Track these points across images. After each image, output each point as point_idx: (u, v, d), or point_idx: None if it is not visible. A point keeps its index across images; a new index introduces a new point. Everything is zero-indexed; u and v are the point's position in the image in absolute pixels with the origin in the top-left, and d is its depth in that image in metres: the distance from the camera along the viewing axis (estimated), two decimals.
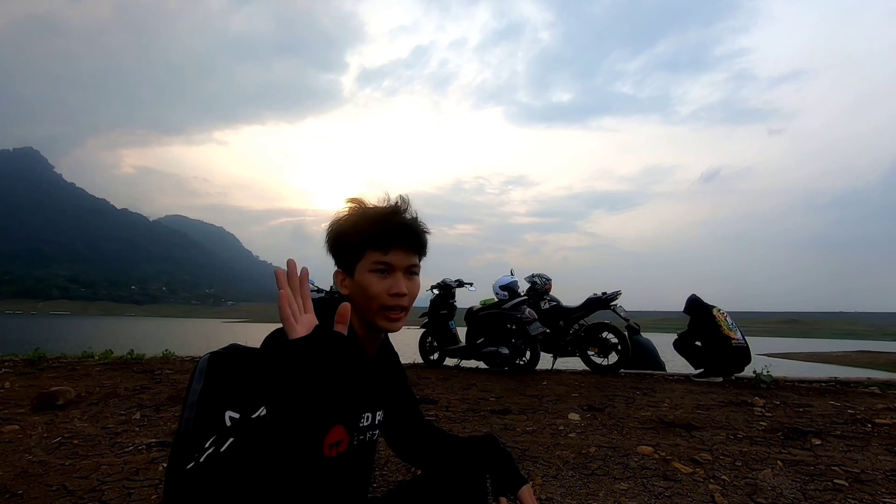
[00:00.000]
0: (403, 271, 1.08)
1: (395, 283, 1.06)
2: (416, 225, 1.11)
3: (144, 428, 3.12)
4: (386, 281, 1.06)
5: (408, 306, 1.10)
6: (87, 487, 2.14)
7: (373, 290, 1.06)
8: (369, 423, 1.16)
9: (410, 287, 1.09)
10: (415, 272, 1.11)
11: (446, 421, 3.38)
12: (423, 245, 1.12)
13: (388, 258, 1.06)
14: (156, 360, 5.88)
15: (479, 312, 6.06)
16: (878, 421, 3.33)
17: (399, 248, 1.07)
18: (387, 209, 1.10)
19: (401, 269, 1.08)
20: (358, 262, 1.08)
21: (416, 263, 1.11)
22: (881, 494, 2.16)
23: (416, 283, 1.11)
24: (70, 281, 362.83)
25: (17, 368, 5.11)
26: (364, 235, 1.07)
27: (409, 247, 1.08)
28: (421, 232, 1.12)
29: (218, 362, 0.99)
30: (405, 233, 1.08)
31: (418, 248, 1.10)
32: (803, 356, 26.79)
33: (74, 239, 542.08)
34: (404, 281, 1.08)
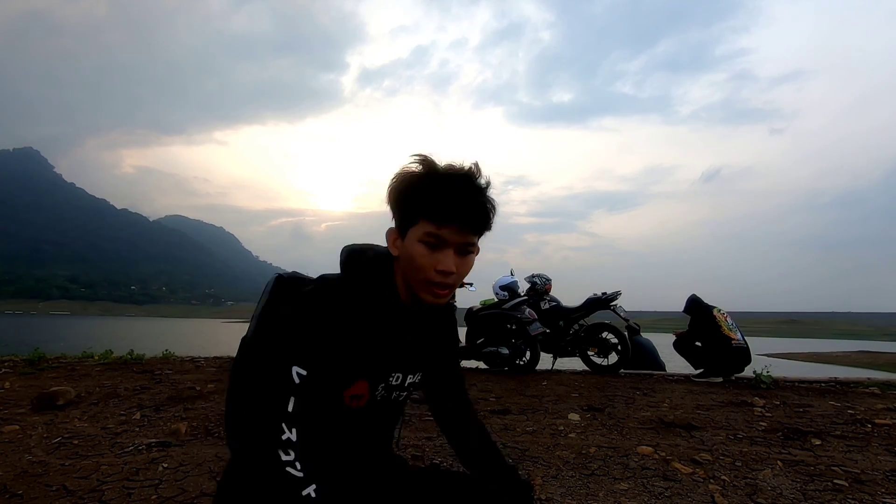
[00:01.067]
0: (456, 248, 0.96)
1: (444, 260, 0.95)
2: (481, 201, 0.97)
3: (144, 428, 3.12)
4: (435, 255, 0.95)
5: (454, 284, 0.99)
6: (87, 487, 2.14)
7: (419, 262, 0.96)
8: (398, 384, 1.09)
9: (461, 266, 0.98)
10: (470, 251, 0.99)
11: None
12: (486, 224, 0.99)
13: (442, 232, 0.94)
14: (156, 361, 5.88)
15: (479, 312, 6.06)
16: (878, 421, 3.33)
17: (455, 224, 0.94)
18: (454, 177, 0.97)
19: (453, 245, 0.96)
20: (411, 227, 0.97)
21: (472, 242, 0.98)
22: (881, 494, 2.16)
23: (469, 261, 1.00)
24: (70, 281, 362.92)
25: (17, 368, 5.11)
26: (421, 202, 0.96)
27: (468, 225, 0.96)
28: (486, 210, 0.98)
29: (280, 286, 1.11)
30: (467, 209, 0.95)
31: (479, 227, 0.98)
32: (803, 356, 26.80)
33: (74, 239, 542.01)
34: (455, 259, 0.97)
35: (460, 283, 1.03)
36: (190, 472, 2.32)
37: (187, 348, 8.65)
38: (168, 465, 2.40)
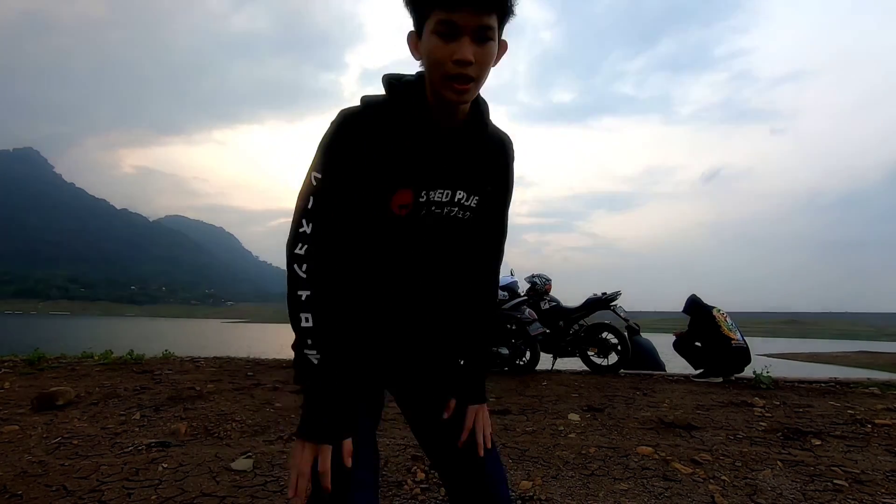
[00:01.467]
0: (472, 34, 0.89)
1: (460, 48, 0.89)
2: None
3: (144, 428, 3.12)
4: (450, 46, 0.89)
5: (476, 76, 0.91)
6: (87, 487, 2.14)
7: (435, 55, 0.90)
8: (448, 200, 1.04)
9: (480, 54, 0.90)
10: (489, 37, 0.90)
11: None
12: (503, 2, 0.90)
13: (454, 16, 0.87)
14: (156, 361, 5.88)
15: None
16: (878, 421, 3.32)
17: (467, 4, 0.87)
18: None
19: (468, 30, 0.89)
20: (425, 20, 0.91)
21: (490, 25, 0.89)
22: (881, 495, 2.16)
23: (490, 50, 0.91)
24: (70, 281, 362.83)
25: (17, 368, 5.11)
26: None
27: (480, 4, 0.87)
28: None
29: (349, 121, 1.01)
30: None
31: (493, 4, 0.89)
32: (803, 356, 26.79)
33: (74, 239, 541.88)
34: (472, 46, 0.89)
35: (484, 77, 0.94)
36: (190, 472, 2.32)
37: (187, 348, 8.66)
38: (168, 465, 2.40)
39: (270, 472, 2.32)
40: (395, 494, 2.15)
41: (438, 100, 0.97)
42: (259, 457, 2.50)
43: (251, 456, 2.50)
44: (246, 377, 4.90)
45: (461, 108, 0.99)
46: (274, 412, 3.54)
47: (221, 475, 2.28)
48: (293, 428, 3.14)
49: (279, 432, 3.07)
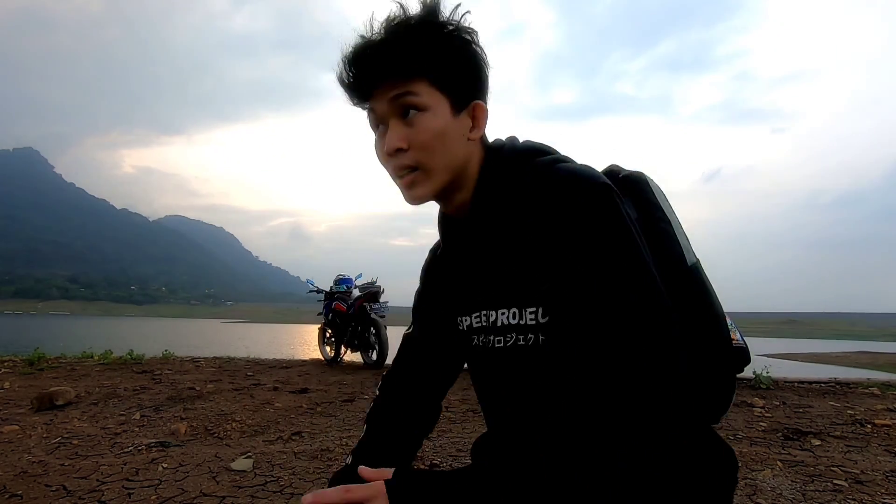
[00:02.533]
0: (394, 115, 0.70)
1: (384, 138, 0.71)
2: (385, 40, 0.69)
3: (144, 428, 3.12)
4: (383, 139, 0.72)
5: (418, 163, 0.70)
6: (87, 487, 2.14)
7: (377, 155, 0.75)
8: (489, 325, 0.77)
9: (410, 134, 0.69)
10: (415, 106, 0.68)
11: (446, 421, 3.38)
12: (407, 61, 0.67)
13: (371, 104, 0.71)
14: (155, 361, 5.88)
15: None
16: (878, 421, 3.32)
17: (374, 84, 0.69)
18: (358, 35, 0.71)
19: (388, 113, 0.70)
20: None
21: (406, 92, 0.68)
22: (881, 495, 2.16)
23: (423, 124, 0.69)
24: (70, 281, 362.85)
25: (16, 368, 5.11)
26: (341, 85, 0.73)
27: (382, 76, 0.68)
28: (397, 44, 0.68)
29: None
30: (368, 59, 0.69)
31: (397, 67, 0.67)
32: (803, 357, 26.79)
33: (74, 239, 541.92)
34: (398, 129, 0.70)
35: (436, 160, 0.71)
36: (190, 472, 2.32)
37: (187, 348, 8.66)
38: (168, 465, 2.40)
39: (270, 472, 2.32)
40: None
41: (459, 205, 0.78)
42: (259, 457, 2.50)
43: (251, 456, 2.50)
44: (246, 377, 4.90)
45: (457, 196, 0.76)
46: (274, 412, 3.54)
47: (221, 475, 2.28)
48: (293, 428, 3.15)
49: (279, 432, 3.07)
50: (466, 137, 0.73)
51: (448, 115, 0.70)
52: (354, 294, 6.50)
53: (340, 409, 3.68)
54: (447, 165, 0.71)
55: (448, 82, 0.70)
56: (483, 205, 0.75)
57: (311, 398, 4.02)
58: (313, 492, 0.62)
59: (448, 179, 0.73)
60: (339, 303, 6.47)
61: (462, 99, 0.72)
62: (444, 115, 0.70)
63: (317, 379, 5.00)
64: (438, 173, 0.71)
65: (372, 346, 6.06)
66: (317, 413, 3.57)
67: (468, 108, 0.73)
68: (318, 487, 2.16)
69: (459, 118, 0.72)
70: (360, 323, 6.13)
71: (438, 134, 0.69)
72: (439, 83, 0.69)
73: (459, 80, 0.71)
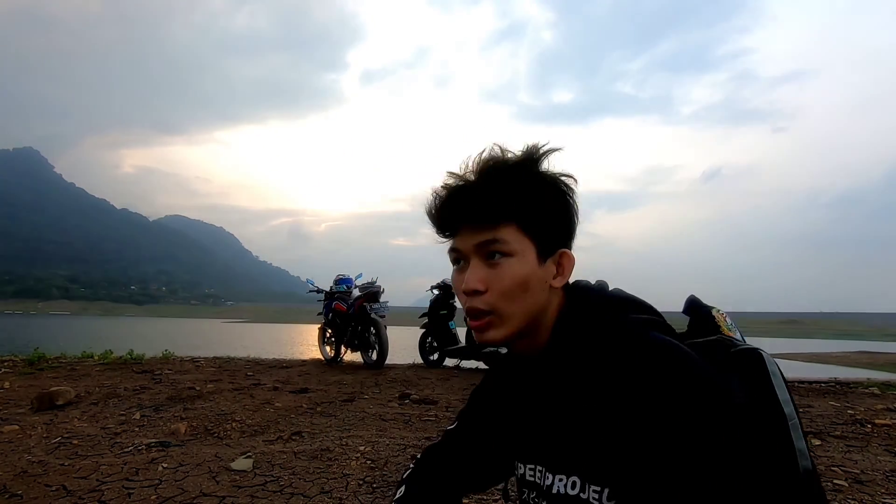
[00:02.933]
0: (477, 255, 0.69)
1: (463, 276, 0.70)
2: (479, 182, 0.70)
3: (144, 428, 3.12)
4: (462, 275, 0.71)
5: (492, 307, 0.68)
6: (87, 487, 2.14)
7: (455, 290, 0.74)
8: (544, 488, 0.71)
9: (490, 277, 0.68)
10: (501, 252, 0.68)
11: (446, 421, 3.38)
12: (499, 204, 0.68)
13: (455, 242, 0.72)
14: (156, 360, 5.88)
15: None
16: (878, 421, 3.32)
17: (462, 224, 0.70)
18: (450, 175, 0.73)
19: (471, 253, 0.70)
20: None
21: (494, 239, 0.67)
22: (881, 495, 2.16)
23: (505, 271, 0.67)
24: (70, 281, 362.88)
25: (17, 368, 5.11)
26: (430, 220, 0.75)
27: (471, 218, 0.69)
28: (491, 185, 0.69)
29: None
30: (458, 200, 0.70)
31: (486, 213, 0.68)
32: (803, 357, 26.79)
33: (74, 239, 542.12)
34: (479, 270, 0.69)
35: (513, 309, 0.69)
36: (190, 472, 2.32)
37: (187, 348, 8.66)
38: (168, 465, 2.40)
39: (270, 472, 2.32)
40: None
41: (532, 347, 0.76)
42: (259, 457, 2.50)
43: (251, 456, 2.50)
44: (246, 377, 4.91)
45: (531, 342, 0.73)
46: (274, 412, 3.54)
47: (221, 475, 2.28)
48: (293, 428, 3.15)
49: (279, 432, 3.07)
50: (549, 284, 0.71)
51: (534, 262, 0.69)
52: (354, 294, 6.50)
53: (340, 409, 3.68)
54: (525, 312, 0.69)
55: (537, 230, 0.69)
56: (559, 355, 0.71)
57: (311, 398, 4.02)
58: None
59: (523, 326, 0.70)
60: (340, 303, 6.47)
61: (549, 247, 0.70)
62: (530, 262, 0.69)
63: (317, 379, 5.00)
64: (514, 320, 0.69)
65: (372, 346, 6.06)
66: (317, 413, 3.57)
67: (554, 256, 0.71)
68: (319, 487, 2.16)
69: (545, 265, 0.70)
70: (360, 323, 6.13)
71: (521, 282, 0.68)
72: (528, 230, 0.69)
73: (549, 228, 0.70)
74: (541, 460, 0.73)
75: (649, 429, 0.58)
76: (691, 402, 0.58)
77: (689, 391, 0.59)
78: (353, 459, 2.48)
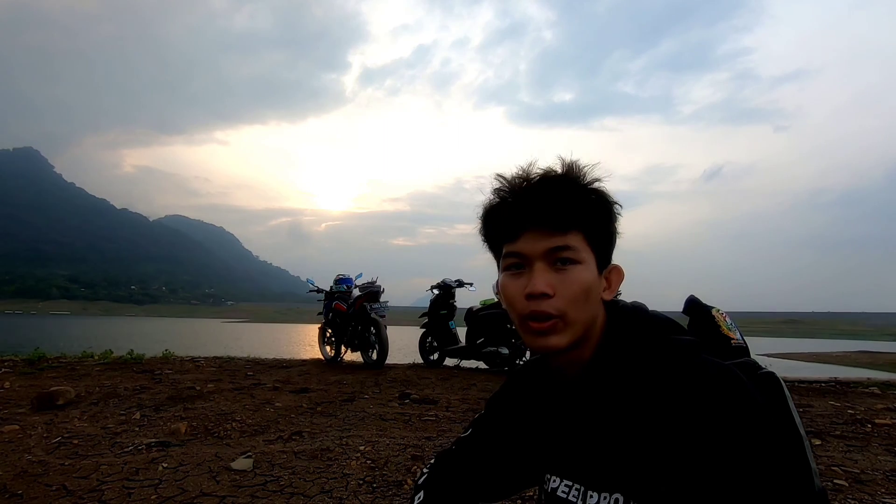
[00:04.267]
0: (545, 260, 0.70)
1: (530, 279, 0.70)
2: (550, 187, 0.71)
3: (144, 428, 3.12)
4: (520, 279, 0.71)
5: (560, 312, 0.69)
6: (87, 487, 2.14)
7: (506, 294, 0.74)
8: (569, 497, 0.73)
9: (558, 282, 0.69)
10: (570, 260, 0.70)
11: (446, 421, 3.38)
12: (573, 212, 0.70)
13: (518, 246, 0.71)
14: (156, 360, 5.88)
15: (479, 312, 6.06)
16: (878, 421, 3.32)
17: (530, 228, 0.71)
18: (514, 178, 0.74)
19: (540, 256, 0.70)
20: (499, 260, 0.77)
21: (566, 246, 0.69)
22: (881, 495, 2.16)
23: (573, 277, 0.69)
24: (70, 281, 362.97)
25: (17, 368, 5.11)
26: (488, 222, 0.77)
27: (543, 222, 0.70)
28: (565, 193, 0.71)
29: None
30: (531, 202, 0.71)
31: (561, 220, 0.70)
32: (803, 356, 26.79)
33: (74, 239, 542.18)
34: (545, 274, 0.69)
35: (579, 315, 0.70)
36: (190, 471, 2.32)
37: (187, 348, 8.65)
38: (168, 464, 2.40)
39: (270, 472, 2.32)
40: (395, 494, 2.15)
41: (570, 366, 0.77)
42: (259, 456, 2.50)
43: (251, 456, 2.50)
44: (246, 377, 4.91)
45: (577, 353, 0.74)
46: (274, 412, 3.54)
47: (221, 475, 2.28)
48: (293, 427, 3.15)
49: (279, 432, 3.07)
50: (601, 297, 0.74)
51: (595, 273, 0.72)
52: (354, 294, 6.50)
53: (341, 409, 3.68)
54: (585, 321, 0.71)
55: (599, 241, 0.73)
56: (606, 371, 0.72)
57: (311, 398, 4.02)
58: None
59: (581, 335, 0.72)
60: (340, 302, 6.47)
61: (605, 259, 0.74)
62: (593, 271, 0.72)
63: (317, 378, 5.00)
64: (577, 327, 0.71)
65: (372, 346, 6.06)
66: (317, 413, 3.57)
67: (607, 269, 0.75)
68: (319, 487, 2.16)
69: (601, 277, 0.73)
70: (360, 322, 6.13)
71: (587, 289, 0.70)
72: (592, 240, 0.72)
73: (606, 242, 0.74)
74: (577, 476, 0.73)
75: (709, 451, 0.59)
76: (752, 426, 0.60)
77: (749, 415, 0.61)
78: (353, 459, 2.48)
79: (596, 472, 0.70)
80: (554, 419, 0.78)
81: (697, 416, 0.61)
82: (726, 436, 0.60)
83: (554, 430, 0.78)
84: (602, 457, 0.70)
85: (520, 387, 0.88)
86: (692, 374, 0.65)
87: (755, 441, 0.60)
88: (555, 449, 0.78)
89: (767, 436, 0.61)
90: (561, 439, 0.77)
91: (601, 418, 0.71)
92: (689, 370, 0.65)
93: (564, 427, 0.76)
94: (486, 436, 0.91)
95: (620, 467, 0.67)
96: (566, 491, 0.74)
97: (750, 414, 0.61)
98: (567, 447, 0.75)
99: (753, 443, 0.60)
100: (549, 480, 0.78)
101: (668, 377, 0.66)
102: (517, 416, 0.86)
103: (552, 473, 0.77)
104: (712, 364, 0.66)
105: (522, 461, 0.85)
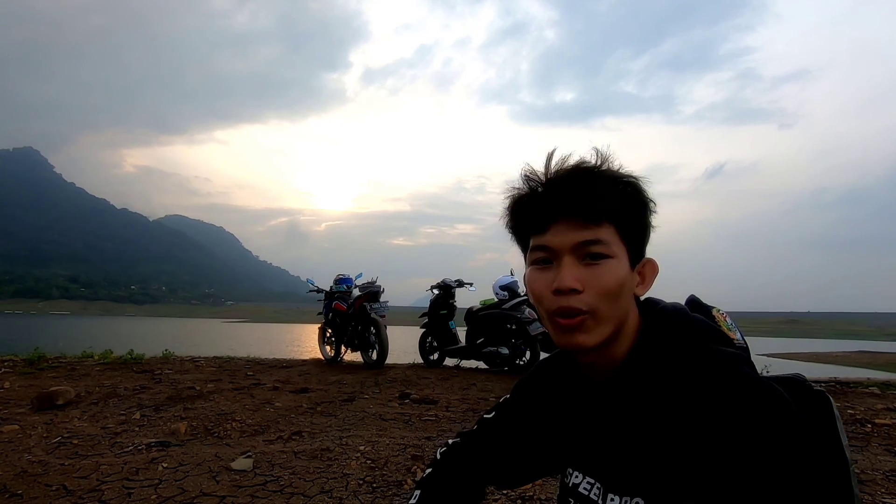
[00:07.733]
0: (575, 254, 0.67)
1: (558, 274, 0.67)
2: (582, 178, 0.69)
3: (144, 428, 3.12)
4: (548, 274, 0.69)
5: (590, 308, 0.66)
6: (87, 487, 2.14)
7: (533, 289, 0.70)
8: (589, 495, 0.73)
9: (588, 277, 0.66)
10: (601, 254, 0.67)
11: (446, 421, 3.38)
12: (606, 204, 0.67)
13: (546, 239, 0.69)
14: (156, 360, 5.88)
15: (478, 312, 6.06)
16: (878, 421, 3.32)
17: (559, 219, 0.68)
18: (544, 167, 0.71)
19: (569, 250, 0.67)
20: (526, 253, 0.74)
21: (596, 240, 0.66)
22: (881, 494, 2.16)
23: (604, 271, 0.66)
24: (70, 281, 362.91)
25: (17, 368, 5.11)
26: (515, 213, 0.74)
27: (573, 213, 0.67)
28: (598, 183, 0.68)
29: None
30: (562, 193, 0.68)
31: (593, 211, 0.67)
32: (803, 356, 26.79)
33: (74, 239, 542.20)
34: (574, 269, 0.67)
35: (610, 311, 0.67)
36: (190, 471, 2.32)
37: (187, 348, 8.66)
38: (168, 464, 2.40)
39: (270, 472, 2.32)
40: (395, 494, 2.15)
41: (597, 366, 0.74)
42: (259, 456, 2.50)
43: (251, 456, 2.50)
44: (246, 377, 4.91)
45: (608, 352, 0.71)
46: (274, 412, 3.54)
47: (221, 475, 2.28)
48: (293, 427, 3.15)
49: (279, 432, 3.07)
50: (633, 293, 0.71)
51: (627, 268, 0.69)
52: (354, 293, 6.50)
53: (340, 409, 3.68)
54: (617, 318, 0.68)
55: (632, 235, 0.69)
56: (639, 374, 0.69)
57: (311, 398, 4.02)
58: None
59: (613, 331, 0.68)
60: (340, 302, 6.47)
61: (638, 254, 0.71)
62: (625, 266, 0.68)
63: (317, 378, 5.00)
64: (609, 324, 0.68)
65: (372, 346, 6.06)
66: (317, 413, 3.57)
67: (640, 264, 0.72)
68: (319, 487, 2.16)
69: (633, 272, 0.70)
70: (360, 322, 6.14)
71: (619, 284, 0.67)
72: (624, 234, 0.69)
73: (640, 235, 0.71)
74: (599, 476, 0.72)
75: (743, 471, 0.57)
76: (791, 449, 0.58)
77: (790, 438, 0.58)
78: (353, 459, 2.48)
79: (618, 474, 0.69)
80: (581, 415, 0.76)
81: (734, 434, 0.59)
82: (763, 457, 0.57)
83: (579, 426, 0.76)
84: (627, 460, 0.68)
85: (548, 376, 0.86)
86: (732, 389, 0.62)
87: (793, 465, 0.57)
88: (579, 444, 0.76)
89: (807, 460, 0.57)
90: (586, 436, 0.75)
91: (630, 423, 0.68)
92: (729, 385, 0.62)
93: (591, 425, 0.74)
94: (509, 420, 0.89)
95: (644, 474, 0.65)
96: (588, 488, 0.73)
97: (790, 436, 0.58)
98: (592, 445, 0.74)
99: (791, 466, 0.56)
100: (571, 475, 0.77)
101: (705, 390, 0.63)
102: (543, 405, 0.84)
103: (574, 468, 0.76)
104: (754, 380, 0.63)
105: (543, 450, 0.83)
